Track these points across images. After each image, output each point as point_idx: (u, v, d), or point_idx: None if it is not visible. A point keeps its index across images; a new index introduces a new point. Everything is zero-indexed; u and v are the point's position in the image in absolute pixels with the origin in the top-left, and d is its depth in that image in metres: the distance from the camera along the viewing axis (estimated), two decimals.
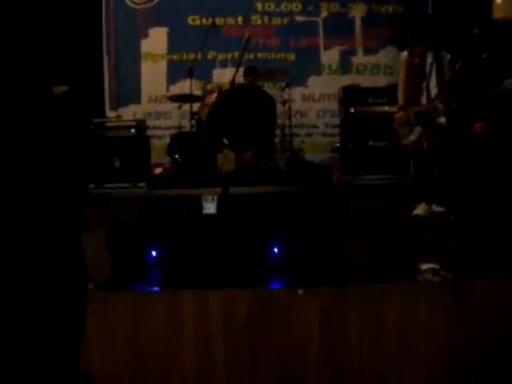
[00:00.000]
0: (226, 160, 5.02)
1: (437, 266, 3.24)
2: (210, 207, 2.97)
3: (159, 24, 7.50)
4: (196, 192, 3.13)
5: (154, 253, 3.02)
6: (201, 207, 3.00)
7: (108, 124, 6.61)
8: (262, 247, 3.04)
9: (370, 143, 6.42)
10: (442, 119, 4.97)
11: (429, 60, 5.05)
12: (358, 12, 7.70)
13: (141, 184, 6.19)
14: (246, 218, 3.03)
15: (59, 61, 6.43)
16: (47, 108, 1.12)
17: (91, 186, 6.20)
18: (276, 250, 3.05)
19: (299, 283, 2.87)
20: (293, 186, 4.54)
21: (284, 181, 5.91)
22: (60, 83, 6.08)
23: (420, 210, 5.02)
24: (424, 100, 5.03)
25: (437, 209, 5.03)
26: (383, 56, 7.72)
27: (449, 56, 5.07)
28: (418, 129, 4.94)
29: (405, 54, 5.28)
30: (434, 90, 5.03)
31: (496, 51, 4.74)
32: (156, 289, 2.89)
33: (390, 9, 7.74)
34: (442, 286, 3.07)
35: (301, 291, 2.82)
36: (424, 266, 3.25)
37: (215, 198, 2.99)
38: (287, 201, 3.16)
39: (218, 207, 2.98)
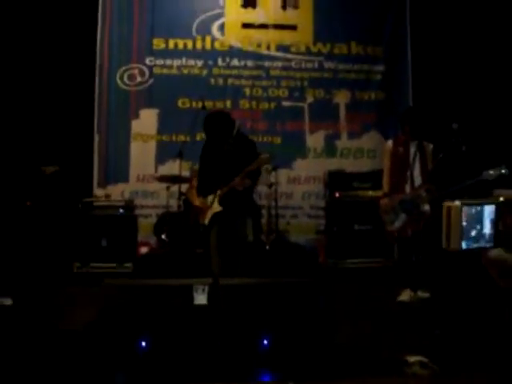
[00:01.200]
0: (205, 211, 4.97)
1: (424, 359, 3.26)
2: (200, 298, 2.99)
3: (150, 105, 7.68)
4: (187, 282, 3.15)
5: (143, 343, 3.00)
6: (191, 298, 3.02)
7: (96, 203, 6.65)
8: (252, 339, 3.04)
9: (355, 227, 6.52)
10: (427, 207, 5.11)
11: (412, 149, 5.26)
12: (341, 98, 7.99)
13: (127, 264, 6.17)
14: (236, 310, 3.05)
15: (49, 141, 6.58)
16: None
17: (77, 264, 6.18)
18: (265, 341, 3.05)
19: (289, 376, 2.87)
20: (279, 274, 4.57)
21: (270, 263, 5.95)
22: (50, 163, 6.21)
23: (405, 296, 5.07)
24: (408, 188, 5.20)
25: (422, 295, 5.09)
26: (366, 140, 7.96)
27: (431, 146, 5.29)
28: (402, 216, 5.07)
29: (389, 143, 5.48)
30: (417, 178, 5.20)
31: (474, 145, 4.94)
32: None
33: (373, 96, 8.05)
34: (431, 381, 3.08)
35: None
36: (412, 359, 3.27)
37: (206, 288, 3.02)
38: (277, 292, 3.19)
39: (209, 298, 3.00)
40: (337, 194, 6.69)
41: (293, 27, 7.99)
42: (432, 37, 7.58)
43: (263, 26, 7.91)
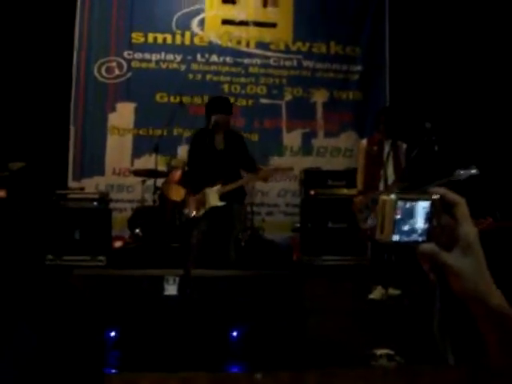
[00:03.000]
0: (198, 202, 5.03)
1: (391, 352, 3.31)
2: (171, 289, 3.00)
3: (128, 99, 7.65)
4: (158, 272, 3.16)
5: (112, 333, 3.00)
6: (162, 288, 3.03)
7: (70, 195, 6.60)
8: (222, 330, 3.06)
9: (330, 225, 6.57)
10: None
11: (386, 148, 5.32)
12: (319, 97, 8.05)
13: (101, 257, 6.13)
14: (207, 301, 3.06)
15: (24, 133, 6.50)
16: None
17: (50, 257, 6.12)
18: (235, 333, 3.07)
19: (258, 367, 2.89)
20: (253, 270, 4.59)
21: (244, 259, 5.96)
22: (24, 156, 6.15)
23: (376, 293, 5.13)
24: (382, 186, 5.26)
25: (393, 292, 5.15)
26: (343, 139, 8.03)
27: (405, 146, 5.35)
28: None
29: (364, 141, 5.54)
30: (391, 177, 5.26)
31: (447, 144, 5.02)
32: (113, 371, 2.85)
33: (350, 95, 8.12)
34: (397, 372, 3.13)
35: (259, 375, 2.83)
36: (379, 352, 3.32)
37: (177, 279, 3.02)
38: (248, 284, 3.22)
39: (179, 289, 3.01)
40: (312, 192, 6.73)
41: (272, 25, 8.02)
42: (409, 39, 7.67)
43: (243, 23, 7.94)
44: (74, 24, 7.51)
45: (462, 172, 4.52)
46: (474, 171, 4.53)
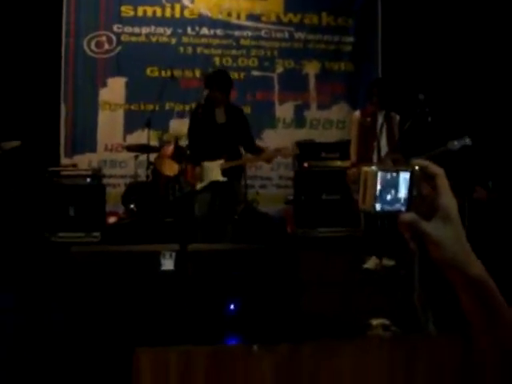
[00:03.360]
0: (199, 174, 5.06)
1: (387, 322, 3.36)
2: (167, 264, 3.01)
3: (118, 74, 7.57)
4: (154, 248, 3.17)
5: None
6: (159, 264, 3.04)
7: (63, 172, 6.57)
8: (219, 304, 3.09)
9: (323, 197, 6.59)
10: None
11: (380, 120, 5.32)
12: (311, 69, 8.00)
13: (95, 233, 6.14)
14: (203, 275, 3.08)
15: (14, 111, 6.44)
16: None
17: (45, 234, 6.12)
18: (232, 306, 3.10)
19: (255, 340, 2.92)
20: (248, 243, 4.62)
21: (238, 232, 5.98)
22: (14, 134, 6.09)
23: (370, 263, 5.18)
24: (375, 157, 5.27)
25: (387, 263, 5.20)
26: (336, 111, 8.00)
27: (398, 117, 5.35)
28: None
29: (357, 113, 5.54)
30: (384, 149, 5.28)
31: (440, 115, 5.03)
32: None
33: (342, 66, 8.07)
34: (392, 342, 3.17)
35: (255, 348, 2.87)
36: (375, 322, 3.37)
37: (173, 254, 3.04)
38: (244, 258, 3.24)
39: (176, 264, 3.02)
40: (305, 164, 6.73)
41: None
42: (401, 9, 7.60)
43: None
44: None
45: (455, 142, 4.54)
46: (467, 141, 4.55)
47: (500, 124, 6.86)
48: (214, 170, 4.97)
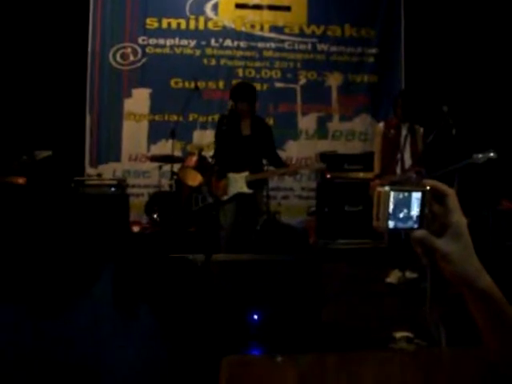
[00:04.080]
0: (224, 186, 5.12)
1: (410, 335, 3.34)
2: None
3: (143, 85, 7.68)
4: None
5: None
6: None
7: (88, 182, 6.66)
8: (242, 314, 3.10)
9: (346, 208, 6.58)
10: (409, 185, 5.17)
11: (403, 132, 5.30)
12: (334, 80, 8.02)
13: None
14: (227, 285, 3.10)
15: (42, 120, 6.56)
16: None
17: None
18: (256, 316, 3.11)
19: (278, 350, 2.93)
20: (272, 254, 4.62)
21: (260, 243, 6.00)
22: (43, 144, 6.20)
23: (393, 277, 5.15)
24: (399, 170, 5.25)
25: (410, 275, 5.17)
26: (358, 123, 8.01)
27: (422, 129, 5.34)
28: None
29: (381, 125, 5.53)
30: (408, 161, 5.26)
31: (464, 128, 5.00)
32: None
33: (365, 78, 8.08)
34: (416, 355, 3.16)
35: (279, 358, 2.87)
36: (398, 335, 3.35)
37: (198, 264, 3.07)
38: (267, 268, 3.25)
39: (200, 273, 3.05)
40: (328, 176, 6.73)
41: (287, 8, 7.98)
42: (425, 20, 7.60)
43: (257, 7, 7.90)
44: (88, 11, 7.53)
45: (480, 155, 4.50)
46: (492, 154, 4.51)
47: None
48: (239, 182, 5.02)
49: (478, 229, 5.47)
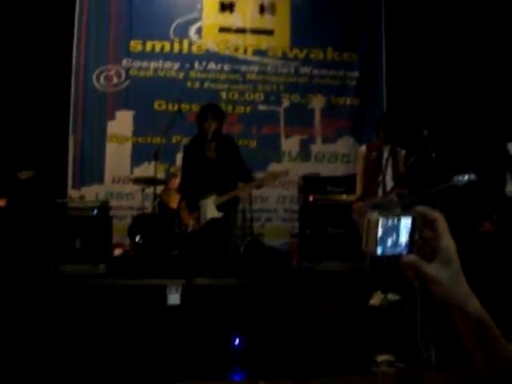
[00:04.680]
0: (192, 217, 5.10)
1: (392, 358, 3.34)
2: (174, 298, 3.03)
3: (126, 107, 7.69)
4: (160, 282, 3.19)
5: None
6: (165, 298, 3.05)
7: (70, 204, 6.62)
8: (225, 338, 3.09)
9: (329, 230, 6.59)
10: (398, 211, 5.21)
11: (385, 154, 5.36)
12: (317, 103, 8.10)
13: (101, 265, 6.14)
14: (209, 310, 3.09)
15: (24, 142, 6.54)
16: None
17: (51, 266, 6.12)
18: (238, 340, 3.10)
19: (261, 375, 2.92)
20: (254, 277, 4.62)
21: (244, 266, 5.99)
22: (25, 165, 6.17)
23: (376, 299, 5.15)
24: (380, 192, 5.30)
25: (392, 297, 5.18)
26: (341, 145, 8.07)
27: (404, 152, 5.40)
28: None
29: (363, 147, 5.59)
30: (389, 183, 5.31)
31: (444, 151, 5.06)
32: None
33: (348, 101, 8.17)
34: (397, 378, 3.16)
35: (262, 383, 2.86)
36: (380, 358, 3.35)
37: (179, 288, 3.05)
38: (249, 292, 3.25)
39: (182, 298, 3.04)
40: (311, 198, 6.75)
41: (270, 32, 8.08)
42: (406, 44, 7.73)
43: (240, 31, 7.99)
44: (72, 33, 7.55)
45: (460, 178, 4.55)
46: (472, 176, 4.57)
47: (504, 158, 6.90)
48: (209, 208, 4.99)
49: (459, 251, 5.50)
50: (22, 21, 7.06)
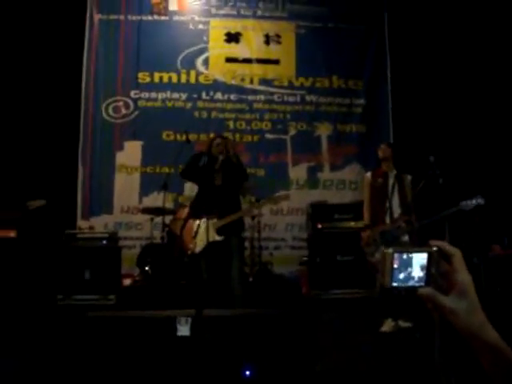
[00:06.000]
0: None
1: None
2: (183, 329, 3.02)
3: (135, 138, 7.77)
4: (170, 313, 3.19)
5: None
6: (175, 329, 3.05)
7: (80, 235, 6.65)
8: (235, 369, 3.07)
9: (338, 258, 6.56)
10: (406, 238, 5.21)
11: (391, 181, 5.37)
12: (323, 131, 8.14)
13: (110, 296, 6.13)
14: (219, 340, 3.08)
15: (34, 173, 6.61)
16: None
17: (60, 297, 6.13)
18: (248, 372, 3.08)
19: None
20: (263, 306, 4.60)
21: (253, 295, 5.97)
22: (35, 195, 6.23)
23: (387, 326, 5.11)
24: (388, 219, 5.29)
25: (403, 324, 5.14)
26: (348, 172, 8.09)
27: (410, 177, 5.41)
28: (383, 247, 5.13)
29: (368, 174, 5.60)
30: (396, 209, 5.30)
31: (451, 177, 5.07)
32: None
33: (354, 128, 8.21)
34: None
35: None
36: None
37: (189, 320, 3.05)
38: (259, 322, 3.24)
39: (192, 329, 3.03)
40: (319, 226, 6.74)
41: (275, 62, 8.18)
42: (411, 71, 7.79)
43: (246, 61, 8.10)
44: (81, 65, 7.69)
45: (468, 202, 4.55)
46: (480, 201, 4.56)
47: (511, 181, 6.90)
48: (208, 231, 5.03)
49: None
50: (32, 53, 7.20)
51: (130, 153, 7.72)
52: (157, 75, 7.90)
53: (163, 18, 8.01)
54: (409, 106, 7.75)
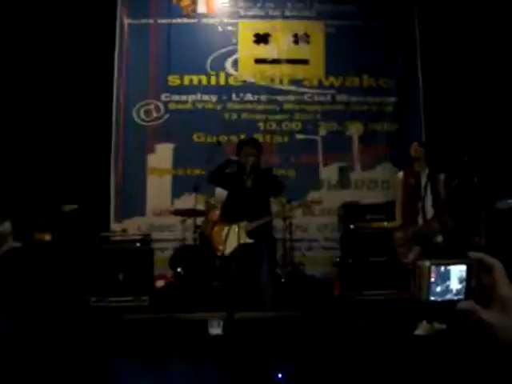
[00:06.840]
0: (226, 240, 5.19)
1: None
2: (216, 331, 3.03)
3: (166, 140, 7.83)
4: (202, 316, 3.20)
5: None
6: (206, 331, 3.06)
7: (113, 238, 6.73)
8: (267, 372, 3.06)
9: (371, 259, 6.49)
10: (439, 238, 5.12)
11: (423, 180, 5.28)
12: (354, 130, 8.08)
13: (144, 297, 6.20)
14: (251, 343, 3.08)
15: (68, 176, 6.72)
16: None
17: (94, 298, 6.22)
18: (280, 375, 3.07)
19: None
20: (295, 307, 4.59)
21: (285, 296, 5.95)
22: (70, 199, 6.33)
23: (421, 329, 5.03)
24: (420, 219, 5.21)
25: (439, 327, 5.05)
26: (380, 171, 8.01)
27: (443, 176, 5.31)
28: (416, 248, 5.07)
29: (400, 174, 5.52)
30: (429, 209, 5.21)
31: (486, 175, 4.97)
32: None
33: (385, 127, 8.12)
34: None
35: None
36: None
37: (221, 322, 3.06)
38: (291, 325, 3.22)
39: (224, 331, 3.04)
40: (351, 226, 6.69)
41: (305, 61, 8.15)
42: (442, 68, 7.67)
43: (276, 61, 8.09)
44: (113, 71, 7.78)
45: (503, 202, 4.47)
46: None
47: None
48: (239, 234, 5.03)
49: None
50: (64, 59, 7.31)
51: (162, 155, 7.79)
52: (187, 78, 7.94)
53: (192, 20, 8.06)
54: (441, 103, 7.62)
